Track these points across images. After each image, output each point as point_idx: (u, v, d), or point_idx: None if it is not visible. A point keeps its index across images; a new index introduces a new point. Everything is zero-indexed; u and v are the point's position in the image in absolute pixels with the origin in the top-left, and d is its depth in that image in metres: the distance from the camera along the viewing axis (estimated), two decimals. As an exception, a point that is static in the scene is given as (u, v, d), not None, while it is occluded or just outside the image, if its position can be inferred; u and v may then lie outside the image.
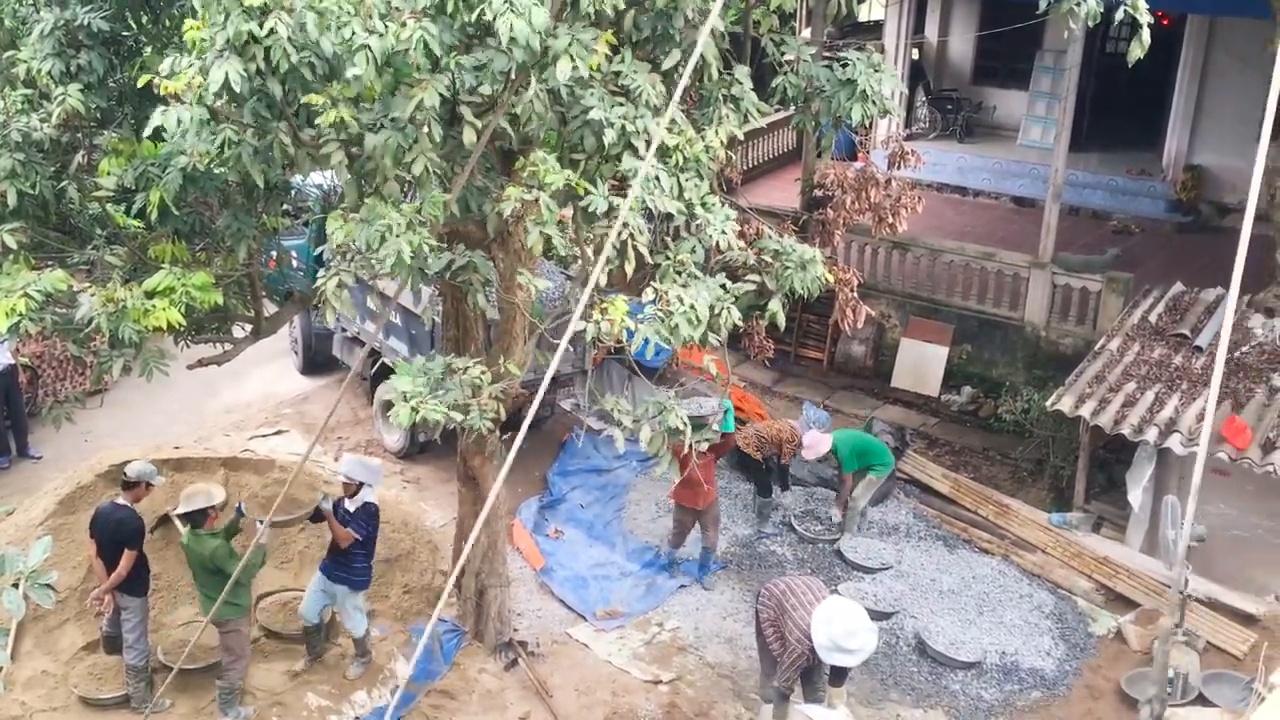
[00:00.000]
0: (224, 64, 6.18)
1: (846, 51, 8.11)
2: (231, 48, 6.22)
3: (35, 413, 13.43)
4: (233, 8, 6.14)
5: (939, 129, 19.74)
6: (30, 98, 7.80)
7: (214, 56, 6.24)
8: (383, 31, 6.15)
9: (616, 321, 6.75)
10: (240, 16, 6.12)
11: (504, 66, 6.56)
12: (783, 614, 8.94)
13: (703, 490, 11.09)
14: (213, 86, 6.19)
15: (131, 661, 9.23)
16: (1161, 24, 7.99)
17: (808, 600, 8.87)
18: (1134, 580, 11.26)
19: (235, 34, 6.14)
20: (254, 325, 9.38)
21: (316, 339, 15.16)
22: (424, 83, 6.36)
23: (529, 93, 6.60)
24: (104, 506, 9.29)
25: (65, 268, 8.12)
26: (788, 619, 8.86)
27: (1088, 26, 7.57)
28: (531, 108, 6.65)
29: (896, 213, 12.72)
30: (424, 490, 12.97)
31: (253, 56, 6.24)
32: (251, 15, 6.14)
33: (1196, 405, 11.42)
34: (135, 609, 9.15)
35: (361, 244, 6.58)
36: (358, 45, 6.11)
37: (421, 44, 6.18)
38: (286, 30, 6.14)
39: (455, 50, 6.56)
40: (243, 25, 6.11)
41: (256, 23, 6.14)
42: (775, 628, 9.06)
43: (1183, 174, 17.20)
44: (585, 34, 6.51)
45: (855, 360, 15.76)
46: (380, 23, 6.18)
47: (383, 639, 10.25)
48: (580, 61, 6.41)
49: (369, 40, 6.13)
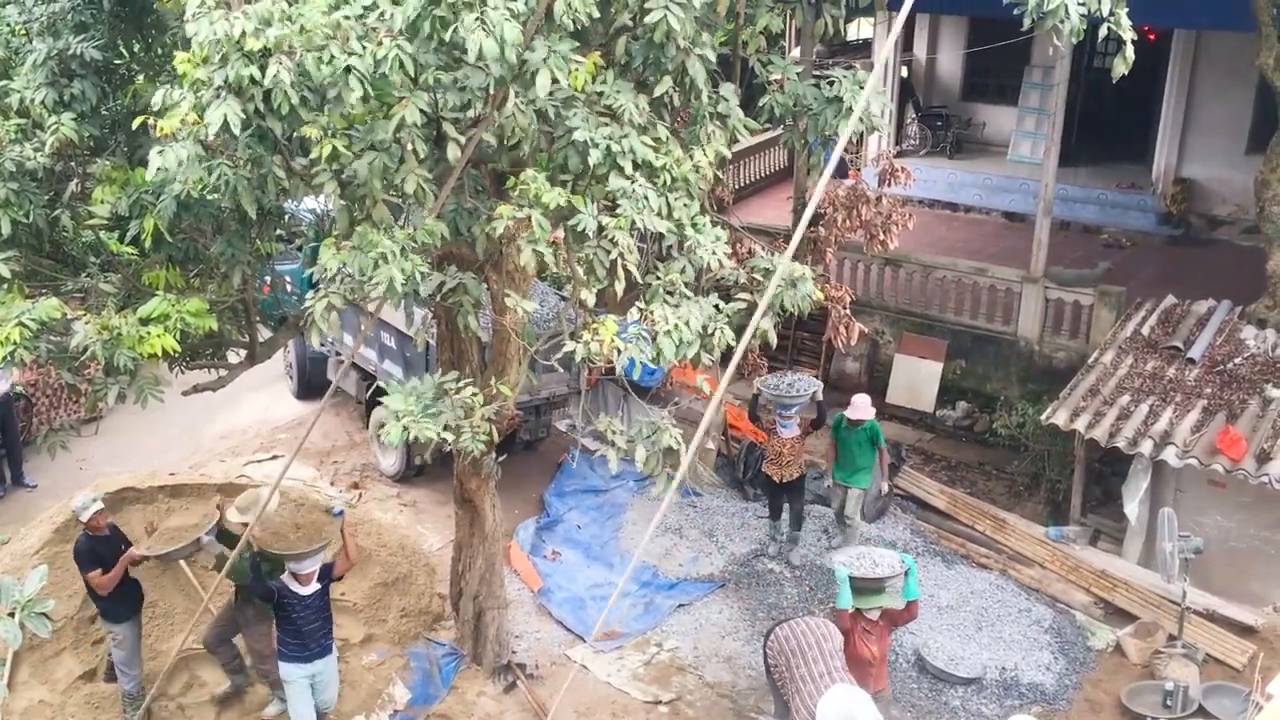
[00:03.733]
0: (222, 105, 6.21)
1: (833, 70, 8.18)
2: (230, 89, 6.25)
3: (30, 441, 13.41)
4: (231, 52, 6.16)
5: (929, 146, 19.83)
6: (24, 127, 7.85)
7: (211, 96, 6.27)
8: (360, 53, 6.19)
9: (606, 342, 6.77)
10: (240, 61, 6.15)
11: (482, 82, 6.60)
12: (792, 680, 8.43)
13: (872, 671, 8.94)
14: (212, 128, 6.22)
15: (126, 688, 9.21)
16: (1148, 39, 8.05)
17: (818, 672, 8.26)
18: (1132, 593, 11.25)
19: (235, 77, 6.17)
20: (249, 351, 9.41)
21: (311, 363, 15.17)
22: (404, 100, 6.40)
23: (509, 106, 6.64)
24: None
25: (59, 296, 8.16)
26: (796, 693, 8.29)
27: (1073, 43, 7.62)
28: (514, 121, 6.68)
29: (888, 229, 12.71)
30: (421, 513, 12.96)
31: (251, 97, 6.28)
32: (252, 59, 6.17)
33: (1191, 417, 11.45)
34: (119, 634, 9.11)
35: (355, 271, 6.60)
36: (342, 68, 6.15)
37: (398, 62, 6.22)
38: (290, 76, 6.17)
39: (438, 70, 6.61)
40: (243, 70, 6.14)
41: (257, 67, 6.17)
42: (782, 683, 8.65)
43: (1172, 187, 17.27)
44: (563, 45, 6.55)
45: (850, 377, 15.77)
46: (358, 44, 6.22)
47: (381, 663, 10.23)
48: (560, 73, 6.44)
49: (351, 61, 6.18)
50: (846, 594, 8.85)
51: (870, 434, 11.88)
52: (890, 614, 8.99)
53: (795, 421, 11.85)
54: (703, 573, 11.99)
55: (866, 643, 8.89)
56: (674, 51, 7.16)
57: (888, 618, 9.02)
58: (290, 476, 12.63)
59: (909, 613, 9.03)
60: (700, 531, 12.62)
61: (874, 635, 8.95)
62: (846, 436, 11.88)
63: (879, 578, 8.87)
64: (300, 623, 8.67)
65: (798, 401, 11.75)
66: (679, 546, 12.37)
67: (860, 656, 8.83)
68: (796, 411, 11.81)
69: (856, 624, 8.87)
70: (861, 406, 11.89)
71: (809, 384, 11.98)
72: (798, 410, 11.83)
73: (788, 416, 11.79)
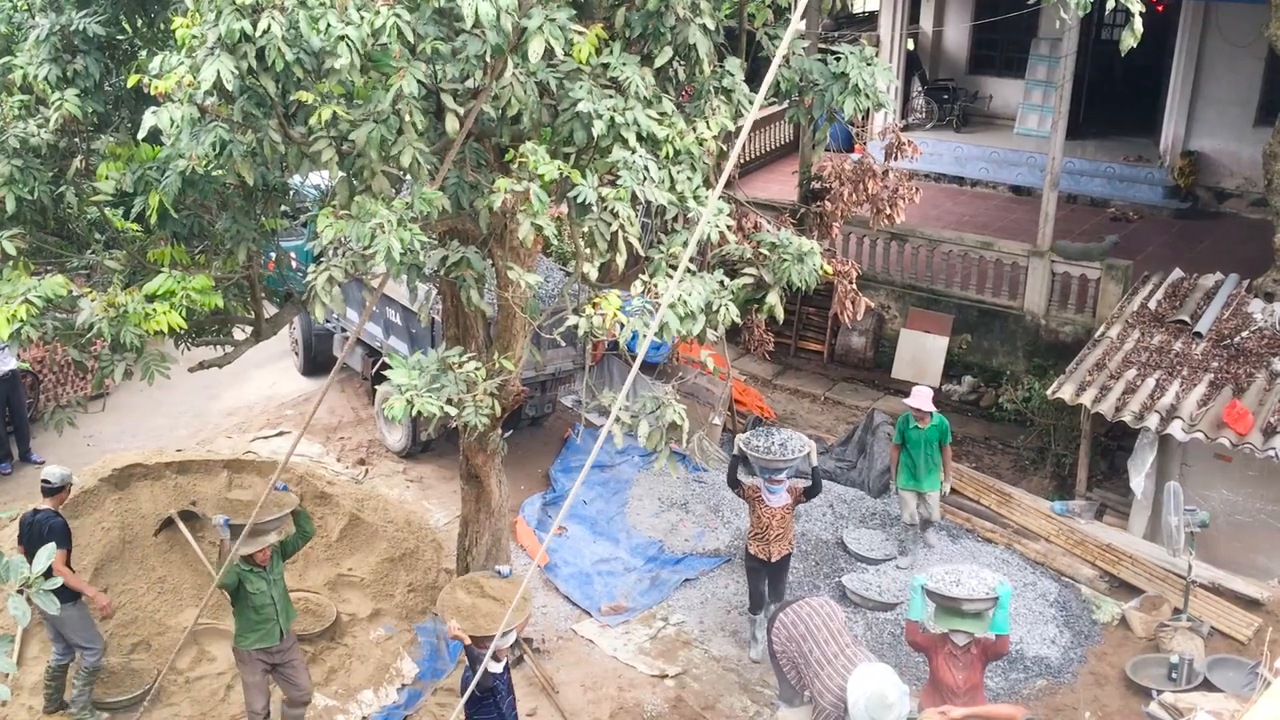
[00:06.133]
0: (215, 61, 6.20)
1: (840, 45, 8.13)
2: (223, 45, 6.24)
3: (37, 418, 13.46)
4: (224, 5, 6.16)
5: (935, 119, 19.74)
6: (27, 103, 7.83)
7: (205, 54, 6.26)
8: (358, 22, 6.17)
9: (609, 317, 6.77)
10: (232, 14, 6.14)
11: (478, 50, 6.58)
12: (807, 664, 8.28)
13: (956, 701, 7.98)
14: (204, 84, 6.20)
15: (86, 662, 9.16)
16: (1156, 10, 8.00)
17: (832, 652, 8.15)
18: (1137, 567, 11.27)
19: (227, 32, 6.16)
20: (254, 327, 9.41)
21: (317, 340, 15.19)
22: (401, 70, 6.39)
23: (507, 75, 6.61)
24: (26, 516, 9.22)
25: (65, 273, 8.16)
26: (815, 676, 8.13)
27: (1080, 15, 7.57)
28: (511, 91, 6.66)
29: (894, 204, 12.72)
30: (427, 489, 13.00)
31: (244, 54, 6.26)
32: (244, 13, 6.16)
33: (1197, 391, 11.43)
34: (71, 613, 8.87)
35: (353, 241, 6.60)
36: (336, 35, 6.14)
37: (395, 30, 6.20)
38: (280, 29, 6.16)
39: (436, 40, 6.58)
40: (234, 23, 6.13)
41: (249, 21, 6.16)
42: (794, 667, 8.55)
43: (1180, 160, 17.20)
44: (560, 14, 6.52)
45: (855, 352, 15.77)
46: (356, 14, 6.20)
47: (388, 638, 10.28)
48: (555, 41, 6.41)
49: (346, 30, 6.16)
50: (917, 603, 8.20)
51: (939, 431, 11.26)
52: (985, 644, 8.01)
53: (785, 487, 10.16)
54: (708, 548, 12.02)
55: (951, 668, 8.03)
56: (673, 21, 7.11)
57: (980, 648, 8.03)
58: (297, 453, 12.69)
59: (999, 646, 8.04)
60: (706, 507, 12.64)
61: (960, 662, 8.01)
62: (915, 436, 11.25)
63: (954, 597, 7.86)
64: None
65: (788, 465, 10.05)
66: (685, 522, 12.40)
67: (942, 681, 8.04)
68: (787, 476, 10.15)
69: (942, 646, 8.09)
70: (922, 396, 11.20)
71: (801, 443, 10.16)
72: (788, 475, 10.17)
73: (776, 481, 10.08)
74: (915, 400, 11.23)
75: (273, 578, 8.62)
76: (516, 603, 7.16)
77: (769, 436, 10.25)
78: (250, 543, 8.36)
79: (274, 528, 8.62)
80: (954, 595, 7.88)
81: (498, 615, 8.17)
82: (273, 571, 8.63)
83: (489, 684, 7.96)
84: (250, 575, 8.49)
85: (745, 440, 10.23)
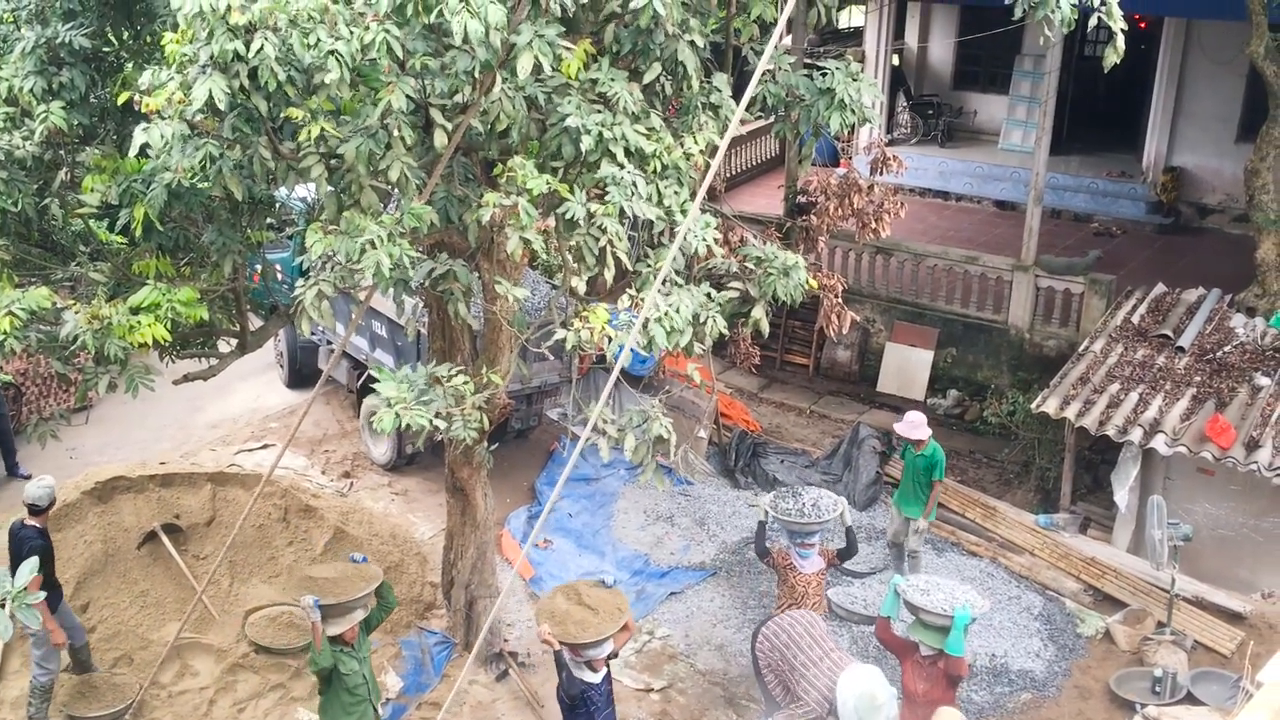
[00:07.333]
0: (207, 80, 6.21)
1: (826, 60, 8.17)
2: (215, 65, 6.24)
3: (20, 430, 13.37)
4: (217, 25, 6.16)
5: (920, 134, 19.84)
6: (12, 115, 7.81)
7: (197, 72, 6.26)
8: (348, 37, 6.19)
9: (596, 330, 6.78)
10: (225, 35, 6.14)
11: (467, 66, 6.59)
12: (793, 670, 8.28)
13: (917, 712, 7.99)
14: (196, 103, 6.21)
15: (40, 681, 9.02)
16: (1139, 27, 8.06)
17: (818, 655, 8.19)
18: (1121, 580, 11.30)
19: (220, 52, 6.16)
20: (239, 340, 9.39)
21: (302, 352, 15.15)
22: (391, 85, 6.40)
23: (495, 90, 6.63)
24: (14, 526, 9.13)
25: (49, 285, 8.12)
26: (802, 680, 8.15)
27: (1064, 32, 7.63)
28: (500, 107, 6.68)
29: (880, 218, 12.74)
30: (412, 502, 12.96)
31: (236, 73, 6.27)
32: (237, 34, 6.16)
33: (1180, 405, 11.49)
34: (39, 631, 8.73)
35: (342, 257, 6.60)
36: (326, 50, 6.14)
37: (385, 45, 6.21)
38: (274, 50, 6.16)
39: (425, 55, 6.60)
40: (228, 44, 6.13)
41: (242, 42, 6.16)
42: (778, 677, 8.53)
43: (1162, 176, 17.33)
44: (549, 30, 6.54)
45: (841, 365, 15.81)
46: (346, 29, 6.21)
47: (374, 652, 10.22)
48: (544, 58, 6.44)
49: (336, 45, 6.17)
50: (890, 601, 8.30)
51: (929, 463, 10.80)
52: (947, 661, 8.02)
53: (817, 550, 9.49)
54: (694, 561, 12.02)
55: (916, 677, 8.15)
56: (662, 38, 7.15)
57: (945, 664, 8.04)
58: (282, 466, 12.64)
59: (955, 667, 8.00)
60: (692, 520, 12.64)
61: (925, 674, 8.11)
62: (909, 458, 11.01)
63: (916, 605, 7.96)
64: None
65: (822, 526, 9.41)
66: (670, 535, 12.39)
67: (905, 688, 8.19)
68: (820, 540, 9.54)
69: (912, 653, 8.25)
70: (915, 424, 10.75)
71: (833, 503, 9.45)
72: (820, 539, 9.57)
73: (808, 545, 9.42)
74: (904, 429, 10.85)
75: (362, 655, 8.14)
76: (608, 614, 7.08)
77: (798, 498, 9.53)
78: (338, 621, 7.88)
79: (361, 604, 8.04)
80: (917, 603, 8.02)
81: (590, 624, 8.03)
82: (360, 650, 8.13)
83: (575, 691, 7.93)
84: (343, 656, 7.95)
85: (772, 503, 9.60)
